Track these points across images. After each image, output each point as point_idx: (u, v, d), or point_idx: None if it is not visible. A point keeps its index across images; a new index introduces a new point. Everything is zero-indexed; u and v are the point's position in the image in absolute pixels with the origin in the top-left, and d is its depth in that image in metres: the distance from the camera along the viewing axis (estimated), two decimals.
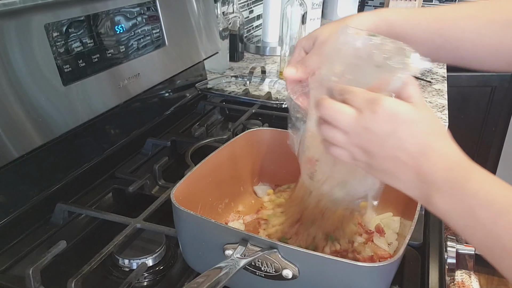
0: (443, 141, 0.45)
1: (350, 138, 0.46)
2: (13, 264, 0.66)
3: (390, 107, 0.44)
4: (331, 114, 0.47)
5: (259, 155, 0.79)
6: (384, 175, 0.47)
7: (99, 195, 0.82)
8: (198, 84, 1.23)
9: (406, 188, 0.46)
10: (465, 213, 0.42)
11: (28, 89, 0.68)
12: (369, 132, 0.45)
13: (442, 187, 0.43)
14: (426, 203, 0.45)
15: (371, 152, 0.46)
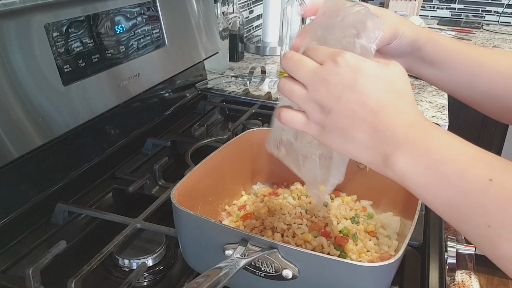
0: (404, 100, 0.43)
1: (308, 92, 0.44)
2: (13, 264, 0.66)
3: (352, 60, 0.42)
4: (291, 64, 0.45)
5: (259, 155, 0.79)
6: (338, 137, 0.44)
7: (99, 195, 0.82)
8: (198, 84, 1.23)
9: (360, 150, 0.43)
10: (427, 170, 0.39)
11: (28, 89, 0.68)
12: (327, 84, 0.42)
13: (402, 144, 0.41)
14: (383, 164, 0.42)
15: (328, 106, 0.43)
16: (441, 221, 0.74)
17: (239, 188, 0.78)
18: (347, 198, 0.75)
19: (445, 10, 2.53)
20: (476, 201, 0.37)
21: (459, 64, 0.60)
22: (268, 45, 1.74)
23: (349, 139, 0.43)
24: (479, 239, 0.38)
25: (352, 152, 0.44)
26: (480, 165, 0.38)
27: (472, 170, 0.38)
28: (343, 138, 0.44)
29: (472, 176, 0.38)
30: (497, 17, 2.45)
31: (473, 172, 0.38)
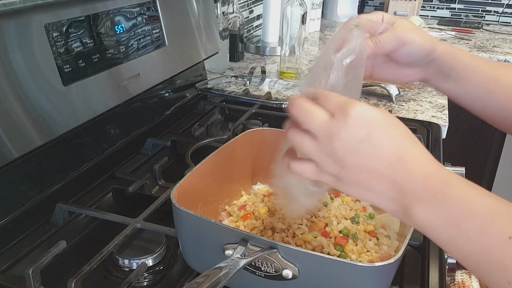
0: (418, 146, 0.42)
1: (320, 145, 0.43)
2: (13, 264, 0.66)
3: (362, 111, 0.41)
4: (301, 115, 0.44)
5: (259, 155, 0.79)
6: (356, 188, 0.44)
7: (99, 195, 0.82)
8: (198, 84, 1.23)
9: (380, 200, 0.43)
10: (448, 224, 0.39)
11: (28, 89, 0.68)
12: (340, 138, 0.41)
13: (422, 196, 0.40)
14: (404, 215, 0.42)
15: (342, 161, 0.42)
16: None
17: (239, 188, 0.78)
18: (347, 198, 0.75)
19: (445, 10, 2.53)
20: (496, 258, 0.37)
21: (476, 79, 0.61)
22: (268, 45, 1.74)
23: (367, 190, 0.43)
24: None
25: (374, 201, 0.44)
26: (501, 220, 0.38)
27: (493, 226, 0.38)
28: (361, 189, 0.43)
29: (493, 232, 0.37)
30: (497, 17, 2.45)
31: (494, 228, 0.38)
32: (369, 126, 0.41)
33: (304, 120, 0.44)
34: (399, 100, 1.29)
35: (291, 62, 1.42)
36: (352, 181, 0.43)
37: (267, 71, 1.51)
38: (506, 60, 1.83)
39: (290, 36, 1.38)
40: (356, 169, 0.42)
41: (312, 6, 2.06)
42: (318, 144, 0.43)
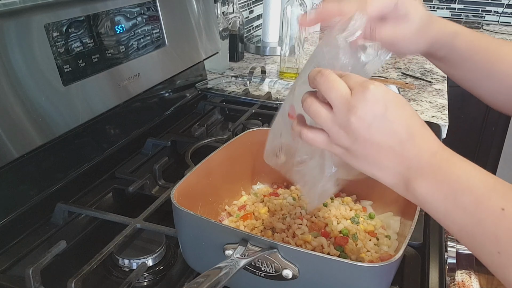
0: (426, 127, 0.44)
1: (335, 117, 0.44)
2: (13, 264, 0.66)
3: (380, 88, 0.43)
4: (325, 83, 0.45)
5: (259, 155, 0.79)
6: (363, 161, 0.45)
7: (99, 195, 0.82)
8: (198, 84, 1.23)
9: (385, 175, 0.45)
10: (446, 198, 0.41)
11: (28, 89, 0.68)
12: (358, 111, 0.43)
13: (425, 171, 0.42)
14: (405, 189, 0.44)
15: (356, 133, 0.43)
16: None
17: (239, 188, 0.78)
18: (347, 198, 0.75)
19: (445, 10, 2.53)
20: (489, 230, 0.39)
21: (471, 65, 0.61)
22: (268, 45, 1.74)
23: (375, 165, 0.45)
24: (491, 264, 0.40)
25: (377, 175, 0.45)
26: (495, 195, 0.40)
27: (488, 200, 0.40)
28: (368, 163, 0.45)
29: (487, 205, 0.40)
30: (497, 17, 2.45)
31: (488, 202, 0.40)
32: (385, 103, 0.43)
33: (326, 89, 0.45)
34: None
35: (291, 62, 1.42)
36: (362, 155, 0.44)
37: (267, 71, 1.51)
38: None
39: (290, 36, 1.38)
40: (368, 143, 0.43)
41: (312, 6, 2.05)
42: (333, 115, 0.44)
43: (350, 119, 0.43)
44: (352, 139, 0.44)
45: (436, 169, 0.42)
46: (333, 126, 0.45)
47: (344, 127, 0.44)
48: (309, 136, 0.47)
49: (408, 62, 1.68)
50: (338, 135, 0.45)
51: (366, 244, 0.63)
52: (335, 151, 0.47)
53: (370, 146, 0.43)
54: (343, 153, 0.46)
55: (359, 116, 0.43)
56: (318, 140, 0.47)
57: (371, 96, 0.42)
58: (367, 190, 0.75)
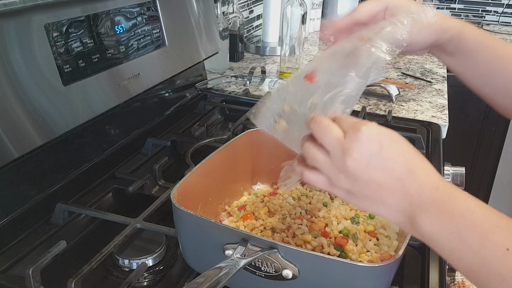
0: (424, 160, 0.44)
1: (332, 161, 0.45)
2: (13, 264, 0.66)
3: (372, 127, 0.43)
4: (318, 129, 0.46)
5: (259, 155, 0.79)
6: (367, 201, 0.45)
7: (99, 195, 0.82)
8: (198, 84, 1.23)
9: (390, 213, 0.44)
10: (451, 234, 0.41)
11: (28, 89, 0.68)
12: (353, 153, 0.43)
13: (429, 207, 0.42)
14: (411, 226, 0.43)
15: (355, 175, 0.43)
16: None
17: (239, 188, 0.78)
18: None
19: (445, 10, 2.53)
20: (494, 269, 0.39)
21: (480, 59, 0.61)
22: (268, 45, 1.74)
23: (378, 203, 0.44)
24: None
25: (382, 214, 0.45)
26: (500, 232, 0.40)
27: (493, 237, 0.39)
28: (372, 203, 0.45)
29: (492, 243, 0.39)
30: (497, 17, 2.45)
31: (493, 240, 0.39)
32: (380, 141, 0.43)
33: (320, 134, 0.46)
34: (399, 100, 1.29)
35: (291, 62, 1.42)
36: (364, 195, 0.44)
37: (267, 71, 1.51)
38: None
39: (290, 36, 1.38)
40: (368, 183, 0.43)
41: (312, 6, 2.05)
42: (331, 159, 0.45)
43: (346, 162, 0.43)
44: (351, 181, 0.44)
45: (439, 204, 0.41)
46: (331, 170, 0.45)
47: (342, 170, 0.44)
48: (310, 178, 0.47)
49: (408, 62, 1.68)
50: (338, 178, 0.45)
51: (366, 244, 0.63)
52: (337, 194, 0.47)
53: (370, 185, 0.43)
54: (345, 195, 0.46)
55: (354, 157, 0.43)
56: (320, 182, 0.47)
57: (364, 136, 0.43)
58: None
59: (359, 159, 0.43)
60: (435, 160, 0.95)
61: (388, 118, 1.10)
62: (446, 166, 0.97)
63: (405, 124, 1.11)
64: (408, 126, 1.10)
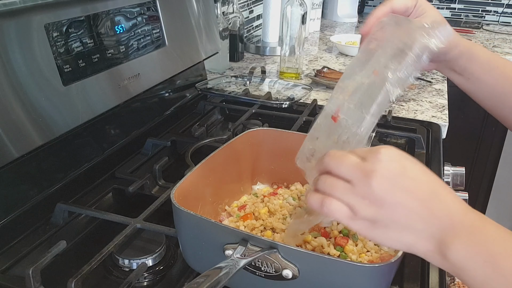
0: (444, 184, 0.43)
1: (355, 188, 0.42)
2: (13, 264, 0.66)
3: (391, 149, 0.42)
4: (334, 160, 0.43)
5: (259, 155, 0.79)
6: (393, 230, 0.42)
7: (99, 195, 0.82)
8: (198, 84, 1.23)
9: (418, 240, 0.41)
10: (486, 263, 0.38)
11: (28, 89, 0.68)
12: (377, 174, 0.40)
13: (460, 232, 0.39)
14: (439, 256, 0.41)
15: (381, 198, 0.41)
16: None
17: (239, 188, 0.78)
18: None
19: (445, 10, 2.53)
20: None
21: (491, 80, 0.61)
22: (268, 45, 1.74)
23: (406, 229, 0.41)
24: None
25: (410, 242, 0.42)
26: None
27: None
28: (400, 230, 0.42)
29: None
30: (497, 17, 2.45)
31: None
32: (401, 161, 0.42)
33: (336, 164, 0.43)
34: (399, 100, 1.29)
35: (291, 62, 1.42)
36: (391, 221, 0.42)
37: (267, 71, 1.51)
38: None
39: (290, 36, 1.38)
40: (396, 206, 0.41)
41: (312, 6, 2.06)
42: (352, 187, 0.42)
43: (371, 185, 0.41)
44: (377, 206, 0.41)
45: (471, 230, 0.39)
46: (354, 197, 0.42)
47: (367, 195, 0.41)
48: (331, 208, 0.43)
49: None
50: (362, 205, 0.42)
51: (366, 244, 0.63)
52: (357, 228, 0.43)
53: (399, 209, 0.41)
54: (368, 225, 0.43)
55: (379, 179, 0.41)
56: (342, 211, 0.43)
57: (385, 157, 0.41)
58: None
59: (384, 180, 0.41)
60: (435, 160, 0.95)
61: (388, 118, 1.10)
62: (446, 166, 0.97)
63: (405, 124, 1.11)
64: (408, 126, 1.10)
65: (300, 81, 1.43)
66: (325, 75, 1.40)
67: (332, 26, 2.30)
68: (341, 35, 1.89)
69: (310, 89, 1.26)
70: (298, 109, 1.15)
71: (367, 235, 0.44)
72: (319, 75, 1.41)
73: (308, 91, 1.24)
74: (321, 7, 2.17)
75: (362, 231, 0.43)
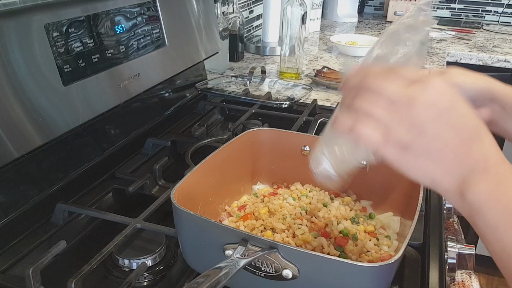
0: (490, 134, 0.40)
1: (396, 110, 0.39)
2: (13, 264, 0.66)
3: (444, 81, 0.39)
4: (378, 80, 0.40)
5: (259, 155, 0.79)
6: (424, 160, 0.40)
7: (99, 195, 0.82)
8: (198, 84, 1.23)
9: (444, 176, 0.40)
10: (504, 210, 0.37)
11: (28, 89, 0.68)
12: (424, 103, 0.38)
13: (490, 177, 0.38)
14: (458, 194, 0.40)
15: (421, 127, 0.39)
16: (441, 221, 0.74)
17: (239, 188, 0.78)
18: (347, 198, 0.75)
19: (445, 10, 2.53)
20: None
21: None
22: (268, 45, 1.74)
23: (437, 163, 0.40)
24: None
25: (435, 176, 0.41)
26: None
27: None
28: (430, 162, 0.40)
29: None
30: (497, 17, 2.45)
31: None
32: (453, 96, 0.39)
33: (382, 84, 0.40)
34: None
35: (291, 62, 1.42)
36: (424, 152, 0.40)
37: (267, 71, 1.51)
38: (506, 60, 1.83)
39: (290, 36, 1.38)
40: (434, 138, 0.39)
41: (312, 6, 2.06)
42: (394, 108, 0.40)
43: (416, 110, 0.39)
44: (416, 132, 0.39)
45: (501, 178, 0.38)
46: (394, 118, 0.39)
47: (408, 119, 0.39)
48: (363, 131, 0.41)
49: None
50: (399, 128, 0.39)
51: (366, 244, 0.63)
52: (387, 153, 0.41)
53: (437, 141, 0.39)
54: (398, 153, 0.41)
55: (426, 106, 0.38)
56: (374, 136, 0.40)
57: (438, 86, 0.39)
58: (367, 190, 0.75)
59: (431, 109, 0.38)
60: None
61: None
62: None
63: None
64: None
65: (300, 81, 1.43)
66: (325, 75, 1.40)
67: (332, 26, 2.30)
68: (341, 35, 1.89)
69: (310, 89, 1.26)
70: (298, 109, 1.15)
71: (395, 162, 0.41)
72: (319, 75, 1.41)
73: (308, 91, 1.24)
74: (321, 7, 2.17)
75: (390, 157, 0.41)
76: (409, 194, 0.65)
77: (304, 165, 0.78)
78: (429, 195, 0.81)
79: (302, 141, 0.78)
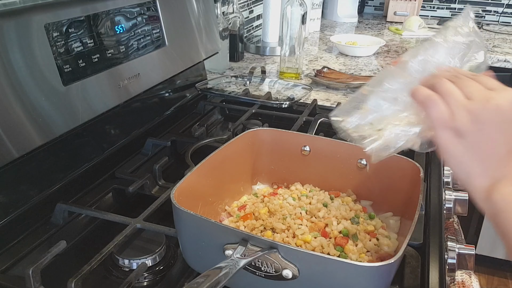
0: None
1: (471, 102, 0.43)
2: (13, 264, 0.66)
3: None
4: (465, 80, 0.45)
5: (259, 155, 0.79)
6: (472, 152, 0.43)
7: (99, 195, 0.82)
8: (198, 84, 1.23)
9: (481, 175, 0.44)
10: None
11: (28, 89, 0.68)
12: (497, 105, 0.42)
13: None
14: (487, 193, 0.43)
15: (485, 123, 0.42)
16: (441, 221, 0.74)
17: (239, 188, 0.78)
18: (347, 198, 0.75)
19: (445, 10, 2.53)
20: None
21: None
22: (268, 45, 1.74)
23: (480, 161, 0.44)
24: None
25: (472, 172, 0.44)
26: None
27: None
28: (475, 158, 0.44)
29: None
30: (497, 17, 2.45)
31: None
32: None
33: (468, 83, 0.44)
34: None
35: (291, 62, 1.42)
36: (476, 146, 0.43)
37: (267, 71, 1.51)
38: (506, 60, 1.83)
39: (290, 36, 1.38)
40: (490, 137, 0.43)
41: (312, 6, 2.06)
42: (469, 100, 0.43)
43: (487, 108, 0.42)
44: (477, 126, 0.43)
45: None
46: (464, 107, 0.43)
47: (476, 112, 0.43)
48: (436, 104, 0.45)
49: None
50: (465, 116, 0.43)
51: (366, 244, 0.63)
52: (443, 135, 0.45)
53: (491, 141, 0.43)
54: (452, 139, 0.44)
55: (497, 109, 0.42)
56: (441, 112, 0.44)
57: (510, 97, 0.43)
58: (367, 190, 0.75)
59: (499, 113, 0.42)
60: (435, 161, 0.95)
61: None
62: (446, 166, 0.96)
63: None
64: None
65: (300, 81, 1.43)
66: (325, 75, 1.40)
67: (332, 26, 2.30)
68: (341, 35, 1.89)
69: (310, 89, 1.26)
70: (298, 109, 1.15)
71: (443, 146, 0.45)
72: (319, 75, 1.41)
73: (308, 91, 1.24)
74: (321, 7, 2.17)
75: (443, 139, 0.45)
76: (409, 194, 0.65)
77: (304, 165, 0.79)
78: (429, 195, 0.81)
79: (302, 141, 0.78)
